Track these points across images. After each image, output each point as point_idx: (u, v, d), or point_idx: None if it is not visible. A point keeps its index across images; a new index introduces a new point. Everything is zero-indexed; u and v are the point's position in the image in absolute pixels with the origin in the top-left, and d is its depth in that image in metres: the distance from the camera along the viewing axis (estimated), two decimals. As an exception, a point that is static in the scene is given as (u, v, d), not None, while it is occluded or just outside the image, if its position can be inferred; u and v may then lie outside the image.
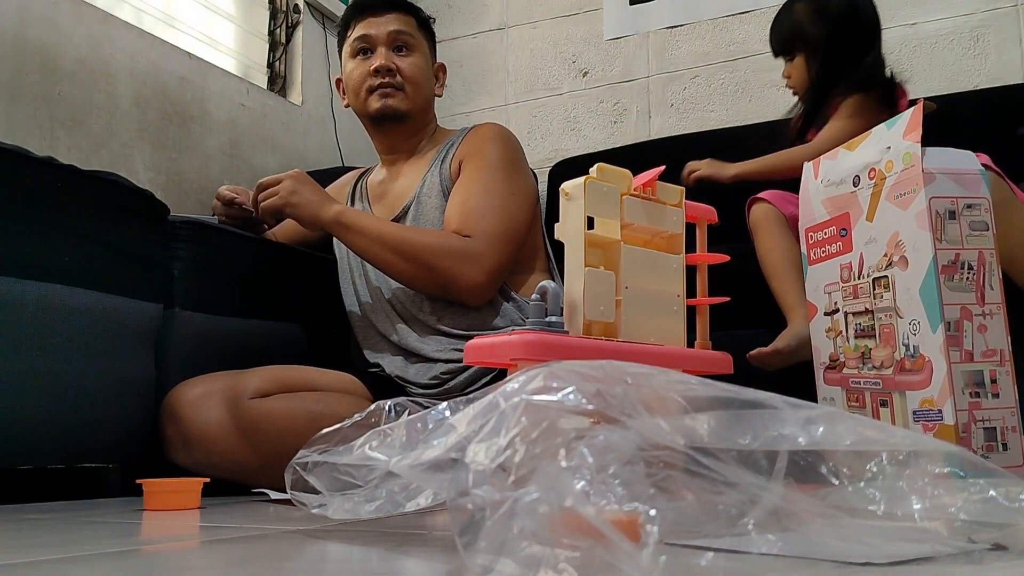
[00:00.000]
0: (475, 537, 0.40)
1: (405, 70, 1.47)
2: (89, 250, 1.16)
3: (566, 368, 0.50)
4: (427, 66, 1.53)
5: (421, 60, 1.50)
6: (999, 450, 0.78)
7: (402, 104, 1.48)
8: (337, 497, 0.71)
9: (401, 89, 1.47)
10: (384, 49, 1.47)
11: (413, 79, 1.48)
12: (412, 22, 1.51)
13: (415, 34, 1.51)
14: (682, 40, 2.40)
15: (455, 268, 1.31)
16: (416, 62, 1.49)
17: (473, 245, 1.32)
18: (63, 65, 1.64)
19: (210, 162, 2.01)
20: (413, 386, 1.38)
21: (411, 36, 1.50)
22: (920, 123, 0.83)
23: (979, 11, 2.07)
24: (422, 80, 1.50)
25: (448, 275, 1.31)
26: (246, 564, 0.57)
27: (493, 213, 1.35)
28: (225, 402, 1.18)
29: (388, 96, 1.47)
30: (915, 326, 0.82)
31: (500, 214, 1.36)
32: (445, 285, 1.33)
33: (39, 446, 1.11)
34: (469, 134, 1.49)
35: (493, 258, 1.33)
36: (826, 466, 0.52)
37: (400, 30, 1.48)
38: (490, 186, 1.38)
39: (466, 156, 1.44)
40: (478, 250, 1.32)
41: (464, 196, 1.38)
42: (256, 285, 1.47)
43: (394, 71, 1.46)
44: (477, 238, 1.32)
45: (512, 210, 1.38)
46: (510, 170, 1.43)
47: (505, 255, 1.35)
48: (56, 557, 0.61)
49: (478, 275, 1.32)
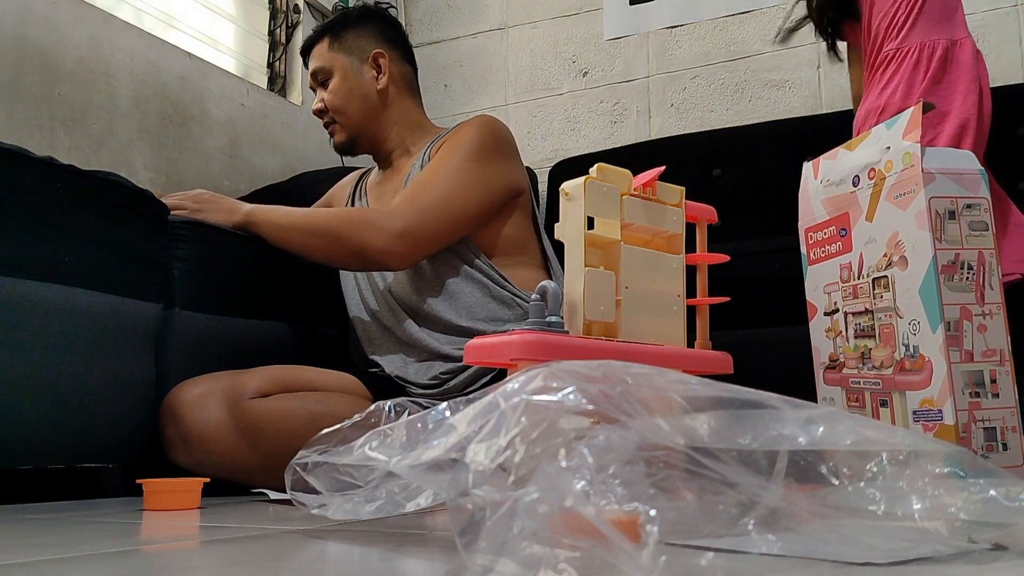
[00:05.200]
0: (475, 537, 0.40)
1: (328, 103, 1.54)
2: (89, 250, 1.16)
3: (566, 368, 0.50)
4: (347, 81, 1.54)
5: (339, 82, 1.53)
6: (999, 450, 0.78)
7: (341, 135, 1.55)
8: (337, 497, 0.71)
9: (334, 121, 1.55)
10: (317, 91, 1.57)
11: (336, 107, 1.54)
12: (324, 47, 1.55)
13: (327, 58, 1.54)
14: (682, 40, 2.40)
15: (361, 234, 1.34)
16: (333, 88, 1.53)
17: (381, 213, 1.37)
18: (63, 65, 1.64)
19: (210, 162, 2.01)
20: (413, 386, 1.38)
21: (323, 67, 1.54)
22: (920, 123, 0.83)
23: (979, 11, 2.07)
24: (344, 102, 1.53)
25: (355, 242, 1.34)
26: (246, 564, 0.57)
27: (427, 191, 1.38)
28: (225, 402, 1.18)
29: (332, 134, 1.57)
30: (915, 326, 0.82)
31: (436, 191, 1.37)
32: (358, 253, 1.36)
33: (39, 446, 1.11)
34: (457, 126, 1.50)
35: (406, 224, 1.34)
36: (826, 466, 0.52)
37: (316, 70, 1.55)
38: (440, 167, 1.40)
39: (443, 146, 1.46)
40: (386, 217, 1.35)
41: (416, 180, 1.41)
42: (256, 285, 1.47)
43: (323, 110, 1.55)
44: (394, 209, 1.36)
45: (454, 190, 1.38)
46: (475, 156, 1.42)
47: (429, 225, 1.36)
48: (56, 557, 0.61)
49: (386, 239, 1.33)
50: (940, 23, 1.46)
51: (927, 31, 1.46)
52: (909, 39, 1.46)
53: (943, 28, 1.46)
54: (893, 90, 1.44)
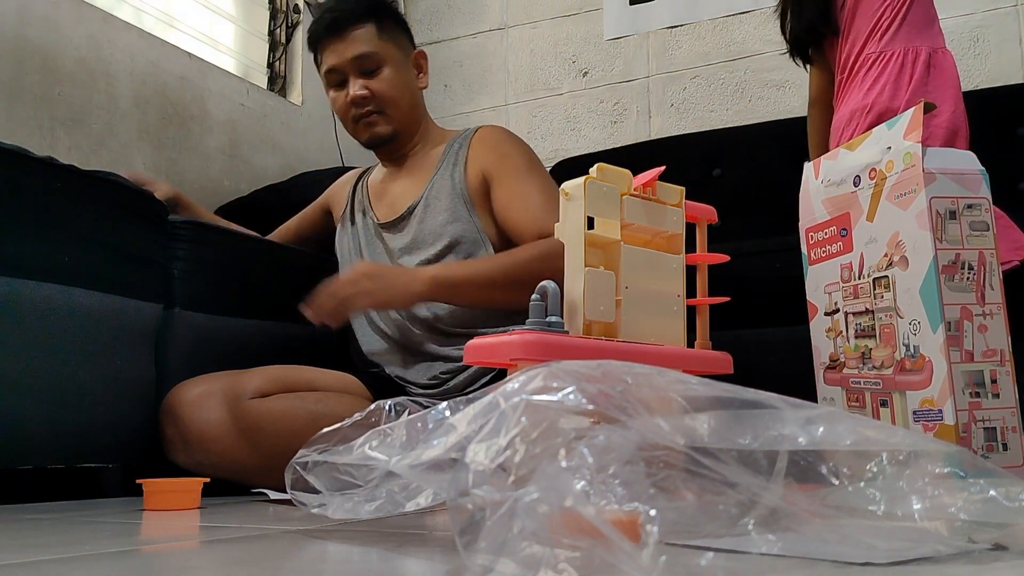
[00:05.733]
0: (475, 537, 0.40)
1: (379, 92, 1.44)
2: (89, 250, 1.16)
3: (566, 368, 0.50)
4: (401, 74, 1.48)
5: (393, 73, 1.46)
6: (999, 450, 0.78)
7: (386, 128, 1.47)
8: (337, 497, 0.71)
9: (381, 112, 1.45)
10: (354, 77, 1.44)
11: (389, 99, 1.45)
12: (372, 31, 1.45)
13: (379, 45, 1.45)
14: (682, 40, 2.40)
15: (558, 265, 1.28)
16: (387, 78, 1.45)
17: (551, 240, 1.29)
18: (63, 65, 1.64)
19: (210, 162, 2.01)
20: (413, 386, 1.38)
21: (375, 53, 1.44)
22: (920, 123, 0.83)
23: (979, 11, 2.07)
24: (399, 94, 1.47)
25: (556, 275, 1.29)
26: (246, 564, 0.57)
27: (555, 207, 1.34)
28: (225, 402, 1.18)
29: (372, 124, 1.46)
30: (915, 326, 0.82)
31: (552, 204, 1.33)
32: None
33: (39, 446, 1.11)
34: (476, 140, 1.47)
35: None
36: (826, 466, 0.52)
37: (362, 54, 1.43)
38: (539, 185, 1.39)
39: (490, 164, 1.42)
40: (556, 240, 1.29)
41: (523, 203, 1.37)
42: (256, 285, 1.47)
43: (369, 98, 1.44)
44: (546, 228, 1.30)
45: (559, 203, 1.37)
46: (540, 167, 1.45)
47: None
48: (56, 557, 0.61)
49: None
50: (921, 31, 1.50)
51: (910, 37, 1.48)
52: (893, 44, 1.48)
53: (924, 36, 1.50)
54: (880, 91, 1.46)
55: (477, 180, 1.43)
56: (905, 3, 1.49)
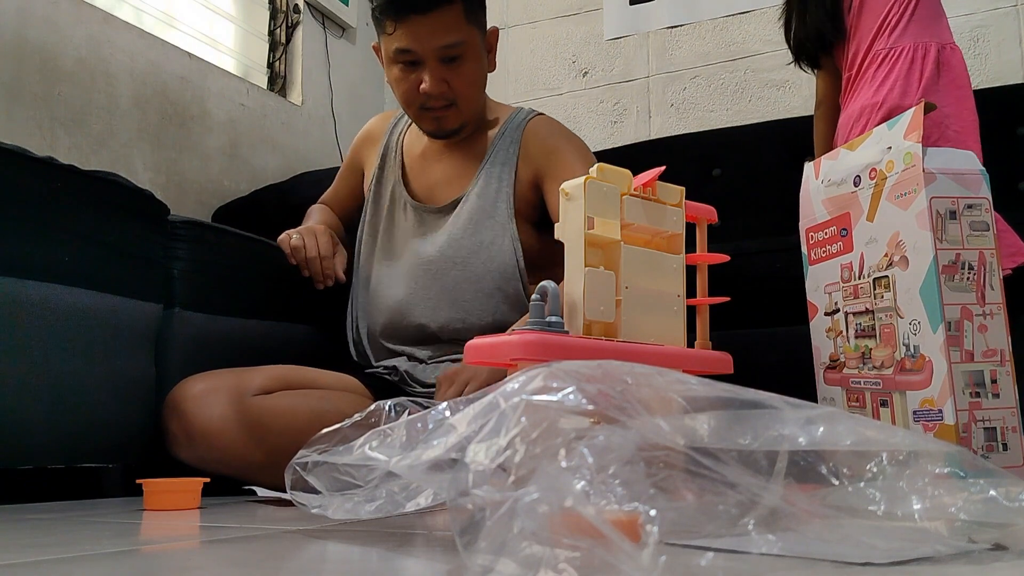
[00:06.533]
0: (475, 537, 0.40)
1: (457, 87, 1.33)
2: (89, 250, 1.16)
3: (566, 368, 0.50)
4: (479, 65, 1.37)
5: (473, 66, 1.34)
6: (999, 450, 0.78)
7: (455, 121, 1.37)
8: (337, 497, 0.71)
9: (453, 105, 1.35)
10: (433, 64, 1.31)
11: (465, 95, 1.35)
12: (459, 13, 1.30)
13: (464, 32, 1.31)
14: (682, 40, 2.40)
15: None
16: (467, 72, 1.33)
17: None
18: (63, 65, 1.64)
19: (210, 162, 2.01)
20: (416, 385, 1.38)
21: (460, 42, 1.30)
22: (921, 123, 0.83)
23: (979, 11, 2.07)
24: (476, 90, 1.37)
25: None
26: (246, 564, 0.57)
27: None
28: (229, 398, 1.18)
29: (441, 119, 1.37)
30: (915, 326, 0.82)
31: None
32: None
33: (39, 446, 1.11)
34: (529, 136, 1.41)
35: None
36: (826, 466, 0.52)
37: (449, 44, 1.29)
38: None
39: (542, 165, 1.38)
40: None
41: None
42: (256, 285, 1.47)
43: (447, 94, 1.33)
44: None
45: None
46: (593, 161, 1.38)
47: None
48: (56, 557, 0.61)
49: None
50: (929, 27, 1.50)
51: (919, 33, 1.48)
52: (902, 40, 1.48)
53: (933, 32, 1.50)
54: (891, 87, 1.45)
55: (525, 185, 1.40)
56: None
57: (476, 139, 1.45)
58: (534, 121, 1.46)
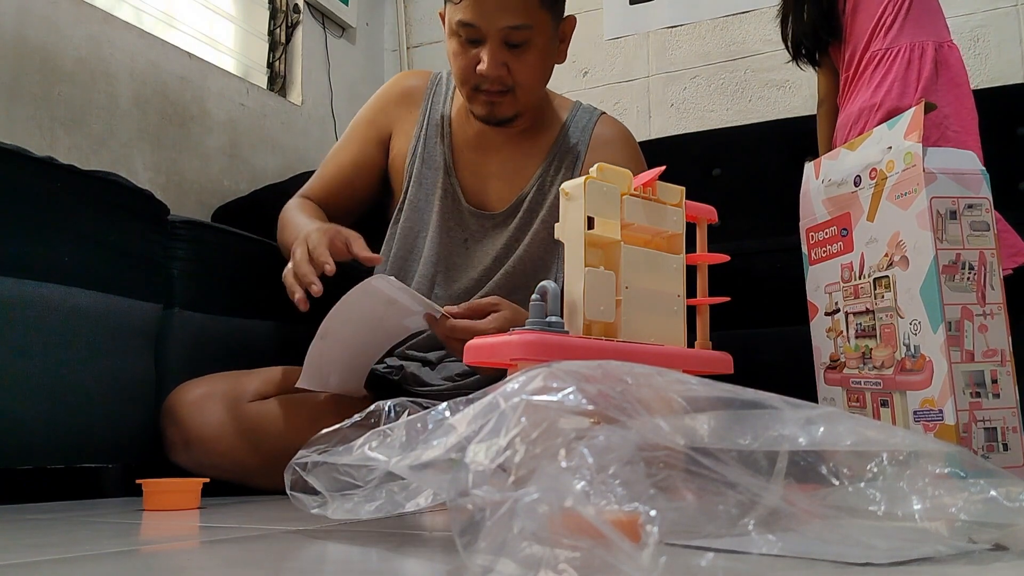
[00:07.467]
0: (475, 537, 0.40)
1: (518, 75, 1.25)
2: (89, 250, 1.16)
3: (566, 368, 0.50)
4: (546, 55, 1.28)
5: (538, 55, 1.25)
6: (1000, 450, 0.78)
7: (510, 109, 1.28)
8: (337, 497, 0.71)
9: (510, 91, 1.26)
10: (495, 45, 1.21)
11: (526, 83, 1.26)
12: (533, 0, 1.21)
13: (535, 16, 1.22)
14: (682, 40, 2.40)
15: None
16: (532, 62, 1.24)
17: None
18: (63, 65, 1.63)
19: (210, 162, 2.01)
20: (419, 385, 1.37)
21: (529, 26, 1.21)
22: (921, 123, 0.83)
23: (979, 11, 2.07)
24: (537, 81, 1.29)
25: None
26: (246, 564, 0.57)
27: None
28: (225, 404, 1.18)
29: (494, 104, 1.27)
30: (916, 326, 0.82)
31: None
32: None
33: (39, 446, 1.11)
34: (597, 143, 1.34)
35: None
36: (826, 466, 0.52)
37: (516, 26, 1.20)
38: None
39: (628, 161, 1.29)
40: None
41: None
42: (256, 285, 1.47)
43: (505, 77, 1.24)
44: None
45: None
46: None
47: None
48: (56, 557, 0.61)
49: None
50: (926, 25, 1.49)
51: (915, 32, 1.48)
52: (899, 39, 1.48)
53: (929, 30, 1.49)
54: (888, 88, 1.45)
55: None
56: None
57: (536, 134, 1.35)
58: (602, 124, 1.37)
